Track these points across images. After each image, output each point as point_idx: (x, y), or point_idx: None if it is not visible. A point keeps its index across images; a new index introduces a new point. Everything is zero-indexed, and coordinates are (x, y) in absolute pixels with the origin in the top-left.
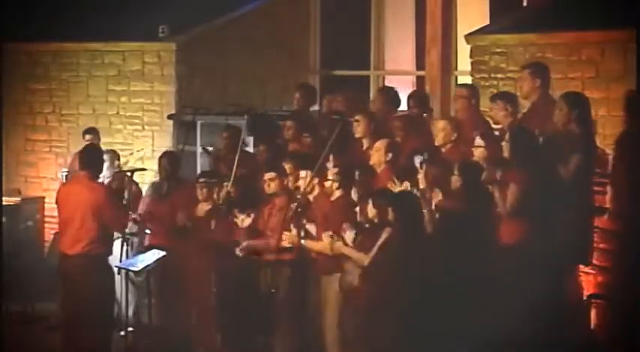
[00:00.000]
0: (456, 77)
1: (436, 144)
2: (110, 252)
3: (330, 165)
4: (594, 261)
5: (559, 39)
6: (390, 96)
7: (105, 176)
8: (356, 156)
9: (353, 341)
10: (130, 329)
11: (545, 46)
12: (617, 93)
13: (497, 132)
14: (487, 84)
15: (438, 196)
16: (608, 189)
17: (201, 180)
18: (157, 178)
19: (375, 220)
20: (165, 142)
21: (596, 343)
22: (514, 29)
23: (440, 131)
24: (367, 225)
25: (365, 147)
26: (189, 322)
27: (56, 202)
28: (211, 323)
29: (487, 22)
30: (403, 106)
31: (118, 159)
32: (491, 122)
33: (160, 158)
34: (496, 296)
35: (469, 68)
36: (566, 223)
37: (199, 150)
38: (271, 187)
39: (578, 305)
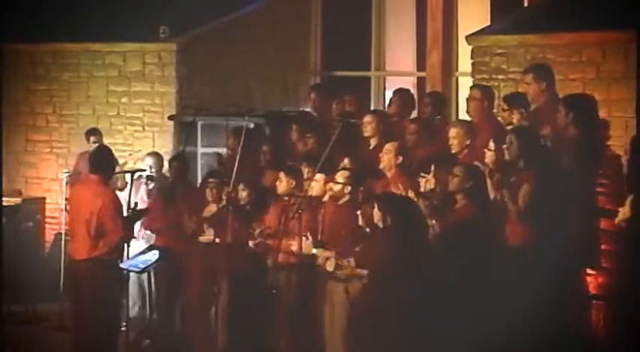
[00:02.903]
0: (457, 78)
1: (452, 151)
2: (121, 257)
3: (340, 167)
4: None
5: (560, 40)
6: (405, 98)
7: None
8: (364, 158)
9: (358, 344)
10: (132, 328)
11: (546, 47)
12: (618, 94)
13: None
14: (488, 85)
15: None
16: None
17: (211, 180)
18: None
19: (380, 224)
20: (165, 143)
21: (597, 344)
22: (515, 30)
23: (453, 138)
24: (368, 230)
25: (372, 146)
26: (190, 322)
27: (67, 204)
28: (213, 324)
29: (488, 22)
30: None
31: (162, 163)
32: (503, 123)
33: (171, 161)
34: (500, 298)
35: (470, 69)
36: (571, 225)
37: (200, 151)
38: (281, 187)
39: (581, 307)
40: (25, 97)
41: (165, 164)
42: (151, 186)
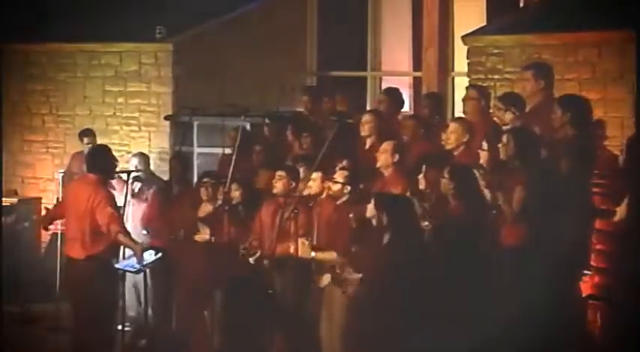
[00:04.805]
0: (453, 78)
1: (448, 147)
2: (116, 256)
3: (339, 167)
4: (592, 263)
5: (556, 40)
6: (395, 96)
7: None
8: (362, 157)
9: (356, 345)
10: (127, 328)
11: (542, 47)
12: (614, 94)
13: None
14: (484, 85)
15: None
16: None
17: (205, 180)
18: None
19: (374, 222)
20: (162, 143)
21: (593, 344)
22: (511, 30)
23: (451, 133)
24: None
25: (368, 146)
26: (186, 322)
27: (62, 203)
28: (209, 324)
29: (484, 22)
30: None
31: (147, 163)
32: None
33: (171, 160)
34: (495, 298)
35: (466, 69)
36: (566, 225)
37: (196, 152)
38: (278, 186)
39: (577, 308)
40: (22, 98)
41: (152, 163)
42: (137, 186)
